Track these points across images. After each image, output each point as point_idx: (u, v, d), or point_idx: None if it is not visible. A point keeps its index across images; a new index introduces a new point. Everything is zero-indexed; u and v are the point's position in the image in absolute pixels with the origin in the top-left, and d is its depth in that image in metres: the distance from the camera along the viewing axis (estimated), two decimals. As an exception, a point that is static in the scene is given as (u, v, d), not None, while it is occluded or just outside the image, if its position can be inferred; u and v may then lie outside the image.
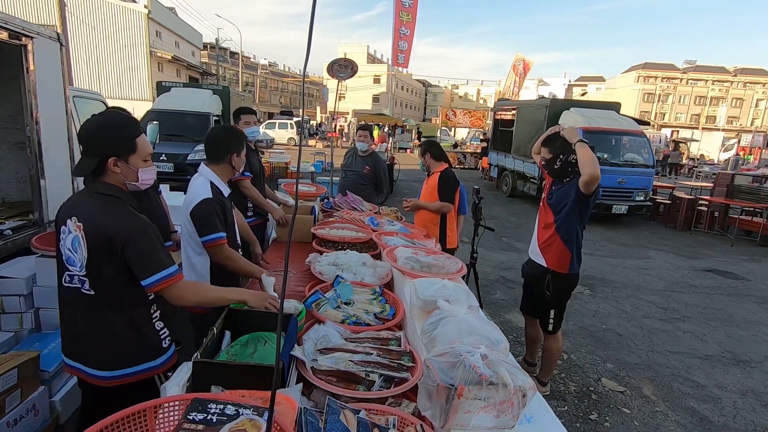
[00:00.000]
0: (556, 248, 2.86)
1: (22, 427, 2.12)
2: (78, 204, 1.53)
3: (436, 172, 3.68)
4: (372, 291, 2.02)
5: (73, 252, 1.50)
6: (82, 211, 1.49)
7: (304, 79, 0.85)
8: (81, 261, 1.49)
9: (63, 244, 1.53)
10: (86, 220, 1.47)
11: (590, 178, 2.57)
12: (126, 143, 1.52)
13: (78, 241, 1.48)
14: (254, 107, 8.16)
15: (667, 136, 33.15)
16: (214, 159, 2.22)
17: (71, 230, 1.50)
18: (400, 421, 1.17)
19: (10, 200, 3.95)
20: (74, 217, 1.49)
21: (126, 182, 1.55)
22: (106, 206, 1.49)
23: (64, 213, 1.55)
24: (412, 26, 12.28)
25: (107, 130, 1.51)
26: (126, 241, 1.44)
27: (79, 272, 1.51)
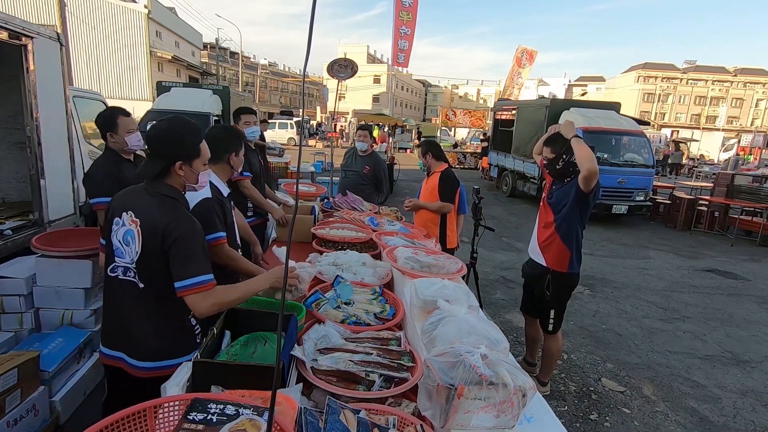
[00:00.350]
0: (556, 247, 2.86)
1: (22, 427, 2.12)
2: (135, 199, 1.57)
3: (436, 172, 3.68)
4: (372, 291, 2.02)
5: (123, 244, 1.56)
6: (141, 208, 1.54)
7: (304, 79, 0.85)
8: (132, 254, 1.54)
9: (114, 236, 1.58)
10: (144, 218, 1.52)
11: (588, 173, 2.57)
12: (193, 149, 1.62)
13: (132, 235, 1.53)
14: (254, 107, 8.15)
15: (667, 136, 33.14)
16: (213, 158, 2.19)
17: (126, 223, 1.55)
18: (400, 421, 1.17)
19: (10, 200, 3.95)
20: (130, 211, 1.54)
21: (186, 185, 1.64)
22: (164, 206, 1.55)
23: (119, 205, 1.59)
24: (413, 25, 12.28)
25: (178, 136, 1.59)
26: (176, 239, 1.49)
27: (129, 264, 1.56)
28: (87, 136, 5.22)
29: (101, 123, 2.51)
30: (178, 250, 1.49)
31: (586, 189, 2.66)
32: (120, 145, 2.50)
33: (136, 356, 1.60)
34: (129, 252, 1.54)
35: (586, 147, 2.60)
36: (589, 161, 2.55)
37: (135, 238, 1.52)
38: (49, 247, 2.72)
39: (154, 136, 1.58)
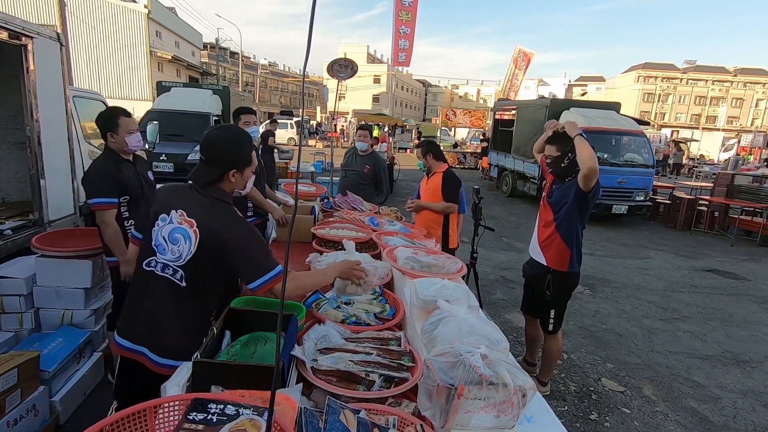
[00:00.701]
0: (556, 246, 2.87)
1: (22, 427, 2.12)
2: (186, 199, 1.59)
3: (438, 172, 3.67)
4: (372, 291, 2.02)
5: (169, 242, 1.55)
6: (195, 210, 1.56)
7: (303, 79, 0.85)
8: (179, 253, 1.55)
9: (157, 231, 1.58)
10: (201, 221, 1.54)
11: (589, 172, 2.57)
12: (248, 158, 1.66)
13: (185, 234, 1.54)
14: (254, 107, 8.16)
15: (667, 136, 33.16)
16: None
17: (174, 221, 1.56)
18: (400, 421, 1.17)
19: (10, 200, 3.95)
20: (181, 210, 1.56)
21: (235, 190, 1.68)
22: (220, 211, 1.58)
23: (166, 202, 1.60)
24: (412, 25, 12.29)
25: (236, 146, 1.64)
26: (240, 246, 1.53)
27: (172, 262, 1.56)
28: (87, 136, 5.22)
29: (102, 123, 2.50)
30: (245, 254, 1.54)
31: (585, 188, 2.66)
32: (120, 145, 2.50)
33: (160, 353, 1.59)
34: (175, 250, 1.55)
35: (588, 146, 2.61)
36: (590, 160, 2.56)
37: (190, 238, 1.53)
38: (49, 247, 2.72)
39: (212, 144, 1.60)
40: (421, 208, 3.69)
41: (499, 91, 21.24)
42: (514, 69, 20.81)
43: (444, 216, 3.61)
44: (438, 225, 3.60)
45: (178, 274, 1.56)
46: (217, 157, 1.60)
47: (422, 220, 3.68)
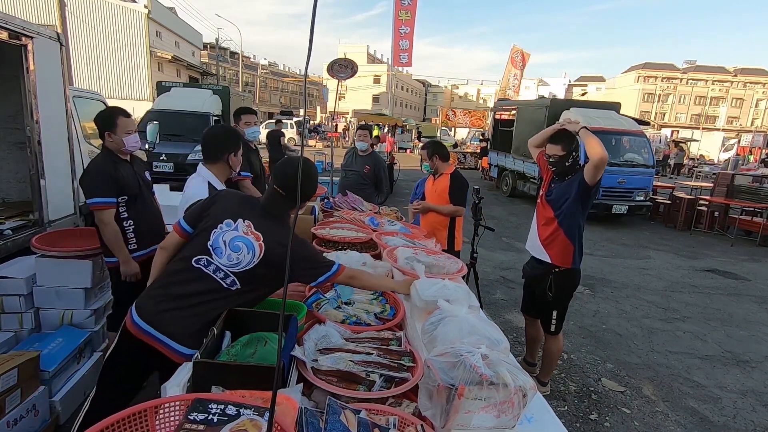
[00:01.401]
0: (560, 243, 2.87)
1: (22, 427, 2.12)
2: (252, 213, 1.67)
3: (445, 174, 3.58)
4: (372, 291, 2.02)
5: (228, 248, 1.61)
6: (264, 227, 1.64)
7: (306, 79, 0.85)
8: (241, 261, 1.60)
9: (218, 234, 1.63)
10: (269, 237, 1.63)
11: (600, 162, 2.57)
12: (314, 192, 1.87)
13: (250, 246, 1.61)
14: (254, 107, 8.17)
15: (667, 136, 33.16)
16: (211, 159, 2.28)
17: (240, 230, 1.62)
18: (401, 421, 1.17)
19: (10, 200, 3.95)
20: (249, 221, 1.64)
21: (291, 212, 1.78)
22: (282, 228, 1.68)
23: (234, 209, 1.67)
24: (412, 24, 12.29)
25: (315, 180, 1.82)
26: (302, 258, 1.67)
27: (230, 268, 1.61)
28: (87, 136, 5.22)
29: (100, 122, 2.49)
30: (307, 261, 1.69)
31: (591, 181, 2.67)
32: (117, 145, 2.49)
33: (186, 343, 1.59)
34: (234, 257, 1.60)
35: (595, 137, 2.64)
36: (600, 149, 2.57)
37: (254, 251, 1.61)
38: (49, 247, 2.72)
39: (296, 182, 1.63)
40: (427, 209, 3.60)
41: (499, 91, 21.21)
42: (512, 68, 20.78)
43: (450, 218, 3.56)
44: (444, 227, 3.53)
45: (229, 279, 1.61)
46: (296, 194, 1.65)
47: (428, 221, 3.61)
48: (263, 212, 1.68)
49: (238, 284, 1.61)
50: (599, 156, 2.56)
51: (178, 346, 1.58)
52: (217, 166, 2.26)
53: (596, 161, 2.58)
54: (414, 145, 28.11)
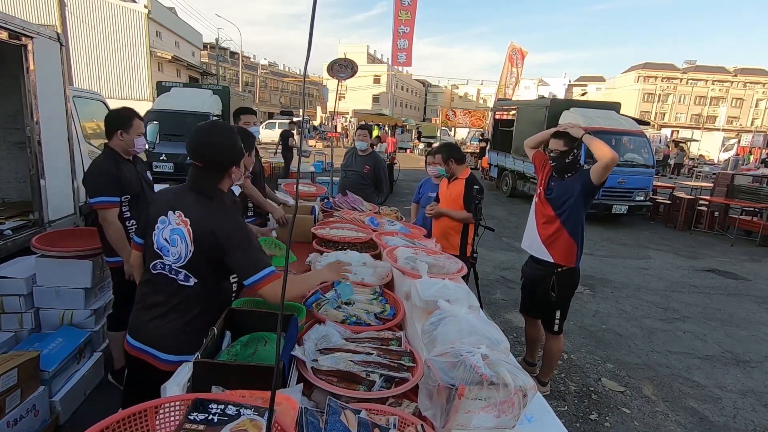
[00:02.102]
0: (564, 242, 2.86)
1: (22, 427, 2.12)
2: (183, 200, 1.59)
3: (461, 178, 3.49)
4: (372, 291, 2.02)
5: (169, 243, 1.57)
6: (191, 209, 1.56)
7: (305, 79, 0.85)
8: (180, 254, 1.56)
9: (158, 234, 1.59)
10: (196, 220, 1.54)
11: (611, 161, 2.58)
12: (242, 149, 1.66)
13: (181, 234, 1.55)
14: (254, 107, 8.17)
15: (667, 136, 33.17)
16: None
17: (172, 222, 1.56)
18: (401, 421, 1.17)
19: (10, 200, 3.95)
20: (179, 211, 1.56)
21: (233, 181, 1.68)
22: (216, 208, 1.57)
23: (164, 204, 1.61)
24: (412, 24, 12.30)
25: (232, 143, 1.62)
26: (237, 243, 1.54)
27: (177, 263, 1.57)
28: (87, 136, 5.22)
29: (116, 120, 2.50)
30: (242, 251, 1.54)
31: (598, 180, 2.68)
32: (127, 145, 2.51)
33: (166, 350, 1.61)
34: (176, 251, 1.56)
35: (599, 140, 2.65)
36: (609, 149, 2.59)
37: (185, 237, 1.55)
38: (49, 247, 2.72)
39: (209, 150, 1.58)
40: (441, 214, 3.49)
41: (497, 89, 21.10)
42: (511, 66, 20.68)
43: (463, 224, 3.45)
44: (457, 232, 3.41)
45: (181, 275, 1.58)
46: (218, 162, 1.59)
47: (441, 226, 3.52)
48: (194, 196, 1.60)
49: (192, 277, 1.58)
50: (609, 157, 2.57)
51: (163, 355, 1.60)
52: None
53: (607, 161, 2.58)
54: (414, 145, 28.13)
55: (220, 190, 1.64)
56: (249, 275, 1.54)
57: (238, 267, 1.55)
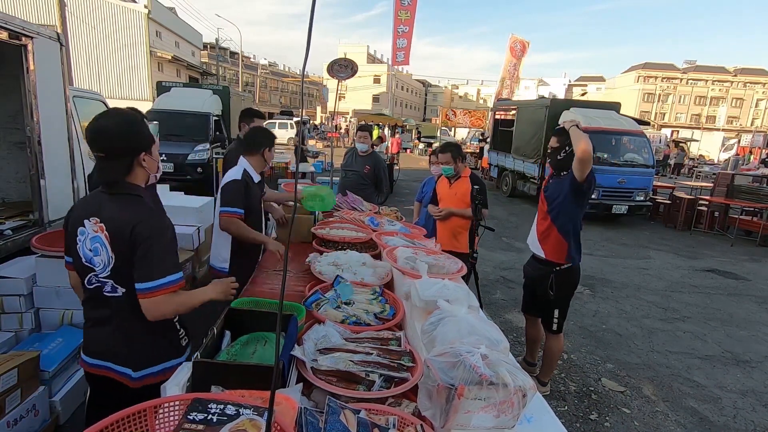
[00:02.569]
0: (554, 239, 2.90)
1: (22, 427, 2.12)
2: (95, 204, 1.49)
3: (464, 176, 3.52)
4: (372, 291, 2.02)
5: (94, 254, 1.47)
6: (105, 212, 1.46)
7: (303, 79, 0.85)
8: (104, 262, 1.46)
9: (81, 248, 1.48)
10: (109, 221, 1.44)
11: (582, 155, 2.59)
12: (149, 134, 1.53)
13: (100, 242, 1.45)
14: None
15: (667, 136, 33.16)
16: (250, 151, 2.69)
17: (90, 231, 1.46)
18: (400, 421, 1.17)
19: (10, 200, 3.95)
20: (93, 217, 1.46)
21: (150, 175, 1.57)
22: (129, 206, 1.47)
23: (79, 214, 1.50)
24: (411, 23, 12.30)
25: (134, 127, 1.49)
26: (144, 239, 1.42)
27: (102, 273, 1.48)
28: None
29: None
30: (144, 250, 1.42)
31: (580, 177, 2.68)
32: None
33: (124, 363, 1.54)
34: (101, 261, 1.46)
35: (582, 133, 2.65)
36: (584, 143, 2.58)
37: (105, 244, 1.44)
38: (49, 247, 2.72)
39: (108, 135, 1.44)
40: (451, 214, 3.48)
41: (498, 81, 20.90)
42: (512, 58, 20.50)
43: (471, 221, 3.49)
44: (465, 230, 3.47)
45: (107, 285, 1.49)
46: (120, 147, 1.46)
47: (450, 226, 3.50)
48: (107, 197, 1.48)
49: (119, 287, 1.49)
50: (581, 149, 2.59)
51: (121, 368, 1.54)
52: (255, 157, 2.67)
53: (578, 154, 2.61)
54: (414, 145, 28.10)
55: (133, 184, 1.51)
56: (143, 279, 1.42)
57: (137, 267, 1.43)
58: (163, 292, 1.43)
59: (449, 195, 3.57)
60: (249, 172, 2.62)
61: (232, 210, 2.46)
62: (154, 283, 1.42)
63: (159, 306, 1.44)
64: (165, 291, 1.44)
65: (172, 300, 1.47)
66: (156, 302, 1.43)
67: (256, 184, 2.66)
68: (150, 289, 1.42)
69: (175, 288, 1.46)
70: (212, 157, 9.05)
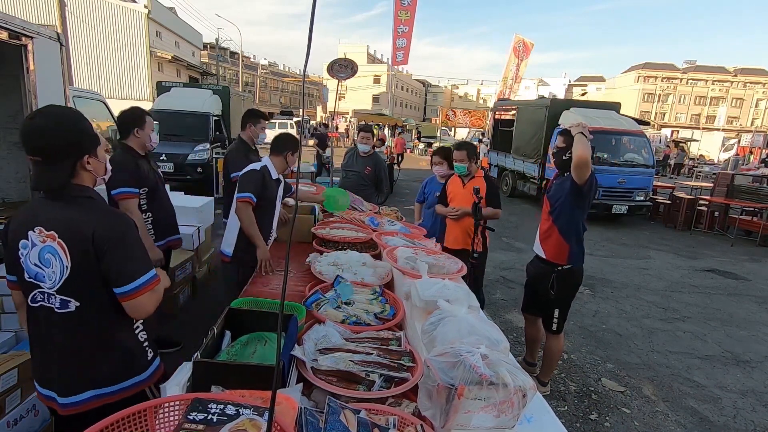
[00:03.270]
0: (554, 240, 2.91)
1: (22, 427, 2.12)
2: (41, 212, 1.33)
3: (478, 176, 3.51)
4: (372, 291, 2.02)
5: (42, 267, 1.32)
6: (54, 220, 1.30)
7: (304, 79, 0.85)
8: (56, 274, 1.31)
9: (25, 261, 1.33)
10: (62, 227, 1.30)
11: (578, 161, 2.61)
12: (93, 134, 1.39)
13: (53, 252, 1.30)
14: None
15: (667, 136, 33.17)
16: (275, 151, 2.82)
17: (36, 242, 1.31)
18: (401, 421, 1.17)
19: (10, 200, 3.95)
20: (38, 227, 1.31)
21: (97, 178, 1.42)
22: (84, 209, 1.33)
23: (19, 227, 1.34)
24: (411, 23, 12.31)
25: (73, 126, 1.33)
26: (112, 243, 1.31)
27: (52, 288, 1.33)
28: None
29: (130, 118, 2.73)
30: (117, 253, 1.32)
31: (579, 180, 2.69)
32: (144, 140, 2.74)
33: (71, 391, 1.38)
34: (53, 273, 1.31)
35: (584, 140, 2.66)
36: (581, 150, 2.60)
37: (58, 254, 1.30)
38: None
39: (42, 136, 1.28)
40: (466, 214, 3.43)
41: (501, 81, 20.90)
42: (515, 58, 20.51)
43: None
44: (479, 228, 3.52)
45: (56, 300, 1.34)
46: (57, 149, 1.30)
47: (463, 226, 3.47)
48: (48, 203, 1.34)
49: (73, 301, 1.34)
50: (577, 155, 2.61)
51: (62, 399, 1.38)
52: (278, 158, 2.80)
53: (575, 161, 2.64)
54: (414, 145, 28.10)
55: (81, 185, 1.36)
56: (123, 281, 1.32)
57: (111, 272, 1.32)
58: (145, 290, 1.36)
59: (462, 194, 3.51)
60: (269, 167, 2.76)
61: (245, 195, 2.59)
62: (135, 283, 1.34)
63: (144, 305, 1.37)
64: (147, 288, 1.36)
65: (154, 293, 1.40)
66: (141, 302, 1.36)
67: (273, 180, 2.77)
68: (133, 290, 1.33)
69: (155, 284, 1.40)
70: (212, 157, 9.06)
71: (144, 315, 1.41)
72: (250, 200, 2.60)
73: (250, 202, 2.60)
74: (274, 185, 2.81)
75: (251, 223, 2.60)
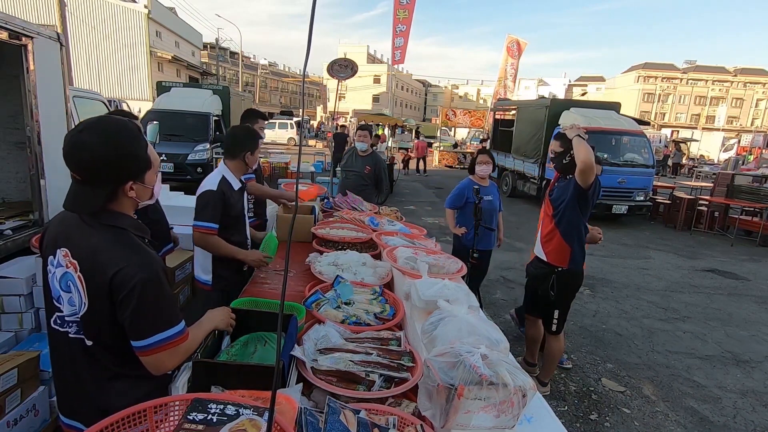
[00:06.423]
0: (556, 242, 2.90)
1: (22, 427, 2.12)
2: (70, 232, 1.20)
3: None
4: (372, 291, 2.02)
5: (64, 291, 1.19)
6: (79, 245, 1.17)
7: (303, 79, 0.85)
8: (75, 304, 1.18)
9: (52, 279, 1.21)
10: (85, 259, 1.15)
11: (583, 166, 2.60)
12: (145, 160, 1.21)
13: (72, 281, 1.17)
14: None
15: (667, 136, 33.14)
16: (230, 155, 2.43)
17: (61, 263, 1.19)
18: (401, 421, 1.17)
19: (10, 200, 3.95)
20: (65, 248, 1.18)
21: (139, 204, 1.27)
22: (110, 242, 1.16)
23: (51, 239, 1.23)
24: (409, 22, 12.34)
25: (122, 147, 1.14)
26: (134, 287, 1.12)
27: (71, 317, 1.20)
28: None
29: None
30: (132, 302, 1.12)
31: (584, 184, 2.69)
32: None
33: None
34: (70, 304, 1.19)
35: (585, 144, 2.65)
36: (585, 155, 2.59)
37: (76, 285, 1.16)
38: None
39: (86, 156, 1.11)
40: None
41: (496, 82, 20.93)
42: (509, 58, 20.56)
43: None
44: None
45: (72, 328, 1.21)
46: (99, 172, 1.13)
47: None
48: (79, 224, 1.18)
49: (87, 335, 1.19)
50: (581, 160, 2.60)
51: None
52: (235, 162, 2.42)
53: (580, 166, 2.63)
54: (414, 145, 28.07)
55: (117, 212, 1.20)
56: (139, 336, 1.14)
57: (125, 323, 1.14)
58: (164, 348, 1.16)
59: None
60: (228, 179, 2.35)
61: (204, 225, 2.23)
62: (151, 339, 1.15)
63: (163, 362, 1.19)
64: (167, 347, 1.17)
65: (176, 352, 1.20)
66: (159, 358, 1.17)
67: (236, 191, 2.39)
68: (149, 346, 1.15)
69: (178, 342, 1.19)
70: (212, 157, 9.07)
71: (161, 372, 1.21)
72: (210, 230, 2.24)
73: (211, 232, 2.25)
74: (238, 196, 2.41)
75: (220, 248, 2.29)
